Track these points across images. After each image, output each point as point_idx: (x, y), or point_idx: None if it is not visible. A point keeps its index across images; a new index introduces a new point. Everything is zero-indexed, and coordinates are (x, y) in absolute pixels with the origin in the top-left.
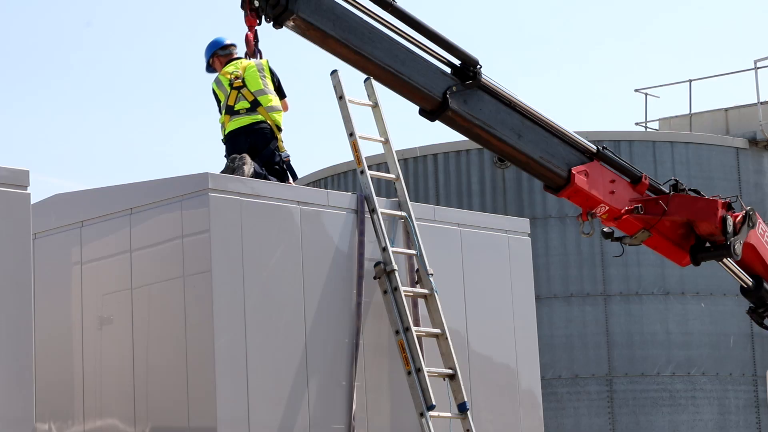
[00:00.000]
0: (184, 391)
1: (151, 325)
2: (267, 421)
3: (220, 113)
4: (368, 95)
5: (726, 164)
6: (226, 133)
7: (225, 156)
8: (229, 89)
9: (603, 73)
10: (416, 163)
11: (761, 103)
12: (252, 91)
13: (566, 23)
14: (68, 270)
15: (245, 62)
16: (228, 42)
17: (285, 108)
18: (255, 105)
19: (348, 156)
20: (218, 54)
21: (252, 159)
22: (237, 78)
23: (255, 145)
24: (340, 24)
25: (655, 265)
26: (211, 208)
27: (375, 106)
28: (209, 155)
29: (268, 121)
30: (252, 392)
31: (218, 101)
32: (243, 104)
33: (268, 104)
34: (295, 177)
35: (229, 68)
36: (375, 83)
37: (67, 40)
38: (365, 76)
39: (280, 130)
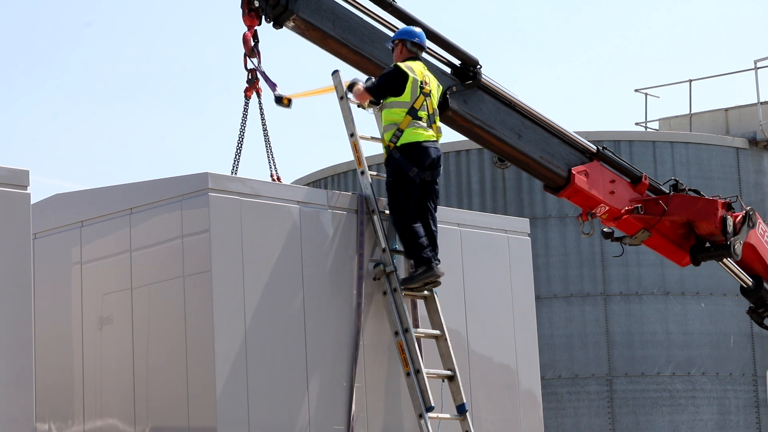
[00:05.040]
0: (183, 391)
1: (151, 325)
2: (267, 421)
3: (387, 95)
4: None
5: (726, 164)
6: (410, 139)
7: (400, 160)
8: (418, 91)
9: (603, 73)
10: None
11: (761, 103)
12: (434, 106)
13: (566, 23)
14: (68, 270)
15: (429, 73)
16: (424, 41)
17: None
18: (432, 120)
19: (348, 156)
20: (407, 45)
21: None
22: (426, 84)
23: (434, 164)
24: (340, 24)
25: (655, 265)
26: (211, 208)
27: None
28: (209, 155)
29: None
30: (252, 392)
31: (398, 84)
32: (423, 114)
33: (438, 124)
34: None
35: (420, 67)
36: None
37: (67, 39)
38: (366, 77)
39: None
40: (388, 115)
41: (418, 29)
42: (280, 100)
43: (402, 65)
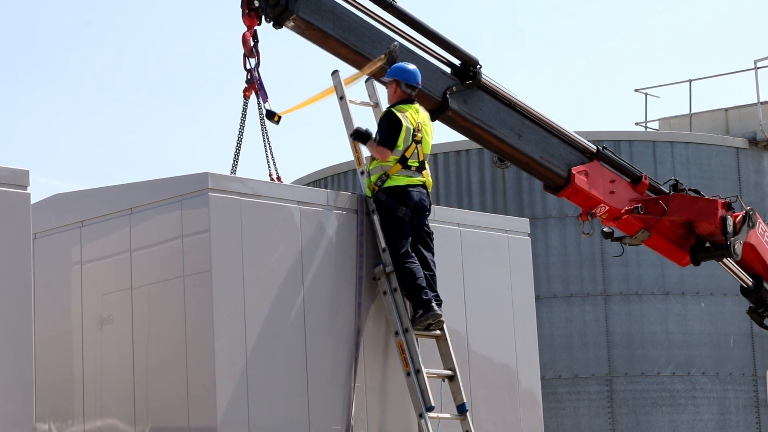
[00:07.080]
0: (184, 391)
1: (151, 325)
2: (267, 421)
3: (390, 144)
4: (369, 95)
5: (726, 164)
6: (395, 183)
7: (387, 202)
8: (410, 139)
9: (603, 73)
10: None
11: (761, 103)
12: (424, 152)
13: (566, 23)
14: (68, 270)
15: (423, 114)
16: (419, 81)
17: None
18: (421, 167)
19: (348, 156)
20: (402, 86)
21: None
22: (418, 131)
23: (419, 208)
24: (340, 24)
25: (655, 265)
26: (211, 208)
27: (375, 106)
28: (209, 155)
29: (428, 188)
30: (252, 392)
31: (395, 129)
32: (414, 162)
33: (428, 170)
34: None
35: (413, 114)
36: (375, 83)
37: (67, 39)
38: (366, 76)
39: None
40: (377, 160)
41: (412, 66)
42: (271, 115)
43: (396, 112)
